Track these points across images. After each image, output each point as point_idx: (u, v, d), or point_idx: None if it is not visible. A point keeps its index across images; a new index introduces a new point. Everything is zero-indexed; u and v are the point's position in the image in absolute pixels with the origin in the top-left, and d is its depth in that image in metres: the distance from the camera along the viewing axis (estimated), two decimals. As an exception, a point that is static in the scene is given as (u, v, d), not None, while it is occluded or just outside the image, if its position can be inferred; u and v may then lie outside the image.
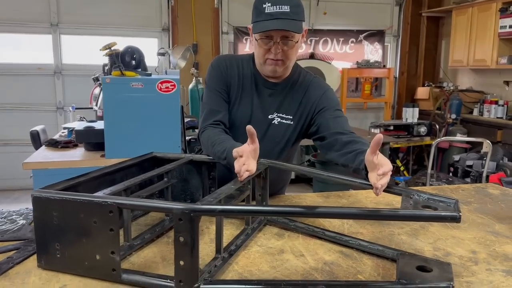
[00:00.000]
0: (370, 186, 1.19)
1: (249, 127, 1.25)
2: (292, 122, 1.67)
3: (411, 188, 1.18)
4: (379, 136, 1.11)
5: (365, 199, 1.76)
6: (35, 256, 1.15)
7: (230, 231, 1.37)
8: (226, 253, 1.17)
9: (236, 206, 1.11)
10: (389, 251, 1.20)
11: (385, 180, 1.12)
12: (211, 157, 1.55)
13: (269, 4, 1.46)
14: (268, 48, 1.54)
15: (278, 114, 1.66)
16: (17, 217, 1.50)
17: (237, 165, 1.26)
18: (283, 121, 1.66)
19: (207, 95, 1.67)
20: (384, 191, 1.16)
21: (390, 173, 1.14)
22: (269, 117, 1.66)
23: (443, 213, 0.97)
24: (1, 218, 1.50)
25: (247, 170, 1.25)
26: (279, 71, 1.60)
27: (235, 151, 1.29)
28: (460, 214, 0.97)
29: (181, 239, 0.97)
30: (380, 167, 1.12)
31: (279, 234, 1.38)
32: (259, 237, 1.35)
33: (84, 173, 1.27)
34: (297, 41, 1.54)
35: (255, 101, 1.66)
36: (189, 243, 0.96)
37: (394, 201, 1.72)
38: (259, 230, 1.39)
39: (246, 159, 1.27)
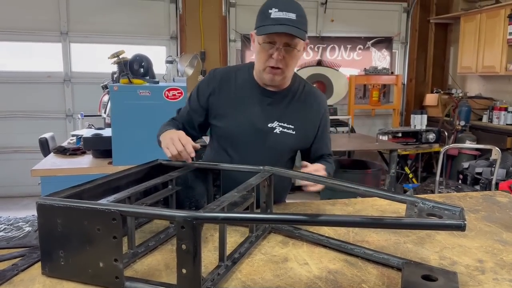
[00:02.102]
0: (377, 194, 1.19)
1: None
2: (294, 132, 1.67)
3: (416, 196, 1.17)
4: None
5: (371, 207, 1.75)
6: (39, 264, 1.15)
7: (234, 238, 1.37)
8: (230, 261, 1.17)
9: (239, 214, 1.11)
10: (394, 260, 1.18)
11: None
12: (215, 165, 1.57)
13: (276, 10, 1.48)
14: (270, 54, 1.54)
15: (280, 124, 1.66)
16: (24, 224, 1.51)
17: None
18: (285, 130, 1.67)
19: (184, 107, 1.78)
20: (390, 199, 1.15)
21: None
22: (269, 125, 1.66)
23: (447, 221, 0.95)
24: (8, 225, 1.51)
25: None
26: (278, 80, 1.60)
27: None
28: (465, 222, 0.95)
29: (184, 247, 0.97)
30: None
31: (283, 242, 1.37)
32: (263, 245, 1.34)
33: (89, 181, 1.28)
34: (299, 50, 1.55)
35: (254, 110, 1.66)
36: (191, 251, 0.96)
37: (400, 209, 1.70)
38: (263, 238, 1.38)
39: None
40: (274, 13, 1.48)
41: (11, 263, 1.20)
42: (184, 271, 0.97)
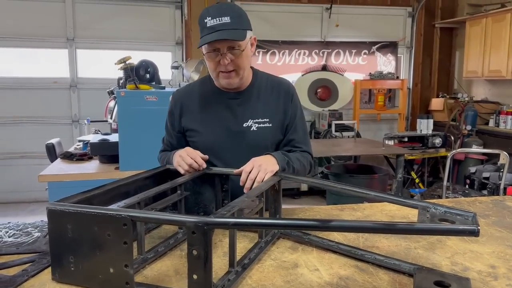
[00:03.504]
0: (388, 199, 1.19)
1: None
2: (270, 124, 1.67)
3: (428, 201, 1.16)
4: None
5: (380, 212, 1.74)
6: (49, 269, 1.15)
7: (243, 244, 1.36)
8: (240, 266, 1.16)
9: (250, 219, 1.10)
10: (405, 266, 1.17)
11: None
12: (224, 170, 1.58)
13: (210, 18, 1.49)
14: (217, 61, 1.55)
15: (254, 121, 1.66)
16: (33, 230, 1.51)
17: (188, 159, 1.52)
18: (261, 125, 1.66)
19: (165, 128, 1.83)
20: (401, 204, 1.15)
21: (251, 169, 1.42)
22: (244, 125, 1.66)
23: (461, 227, 0.95)
24: (17, 230, 1.51)
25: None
26: (235, 82, 1.61)
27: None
28: (479, 228, 0.94)
29: (194, 252, 0.96)
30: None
31: (292, 247, 1.36)
32: (272, 250, 1.33)
33: (98, 186, 1.28)
34: (244, 49, 1.55)
35: (224, 115, 1.67)
36: (202, 256, 0.96)
37: (410, 214, 1.69)
38: (272, 243, 1.38)
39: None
40: (209, 21, 1.49)
41: (21, 269, 1.20)
42: (195, 276, 0.97)
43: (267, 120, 1.66)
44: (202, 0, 5.94)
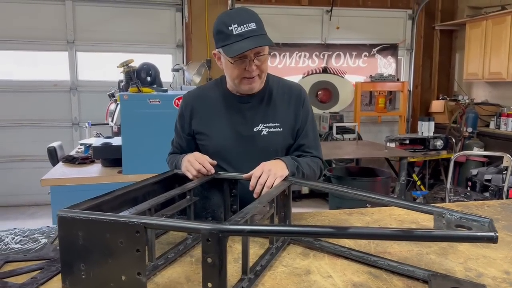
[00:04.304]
0: (402, 205, 1.18)
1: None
2: (281, 129, 1.65)
3: (442, 207, 1.15)
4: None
5: (389, 216, 1.73)
6: (59, 277, 1.14)
7: (254, 250, 1.35)
8: (252, 273, 1.15)
9: (266, 227, 1.09)
10: (419, 272, 1.16)
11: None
12: (233, 175, 1.57)
13: (235, 25, 1.47)
14: (244, 67, 1.54)
15: (265, 125, 1.65)
16: (39, 236, 1.50)
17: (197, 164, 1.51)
18: (272, 129, 1.65)
19: (175, 130, 1.80)
20: (416, 210, 1.13)
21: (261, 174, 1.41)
22: (255, 130, 1.65)
23: (479, 233, 0.94)
24: (23, 236, 1.49)
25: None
26: (256, 86, 1.61)
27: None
28: (497, 234, 0.94)
29: (209, 260, 0.95)
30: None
31: (303, 253, 1.35)
32: (283, 256, 1.32)
33: (107, 192, 1.26)
34: (267, 53, 1.56)
35: (235, 119, 1.66)
36: (217, 264, 0.95)
37: (419, 219, 1.68)
38: (283, 249, 1.36)
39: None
40: (235, 29, 1.47)
41: (29, 277, 1.19)
42: (209, 285, 0.95)
43: (278, 124, 1.65)
44: (203, 3, 5.94)
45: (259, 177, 1.41)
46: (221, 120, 1.67)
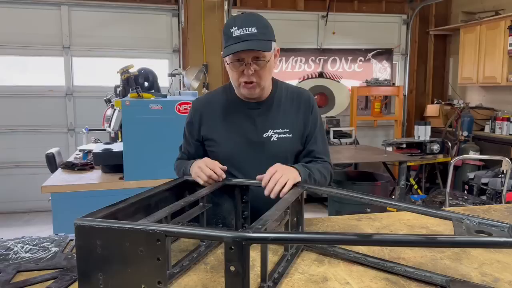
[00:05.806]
0: (417, 210, 1.18)
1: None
2: (291, 135, 1.66)
3: (460, 212, 1.15)
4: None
5: (398, 221, 1.73)
6: (74, 286, 1.12)
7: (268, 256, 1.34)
8: (271, 281, 1.14)
9: (290, 234, 1.08)
10: (437, 277, 1.16)
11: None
12: (244, 181, 1.57)
13: (236, 28, 1.49)
14: (241, 71, 1.54)
15: (274, 131, 1.65)
16: (49, 244, 1.48)
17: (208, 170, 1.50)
18: (281, 135, 1.65)
19: (183, 136, 1.79)
20: (434, 215, 1.14)
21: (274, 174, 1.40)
22: (264, 136, 1.64)
23: (502, 240, 0.94)
24: (33, 245, 1.47)
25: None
26: (256, 93, 1.60)
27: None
28: (519, 240, 0.94)
29: (232, 268, 0.94)
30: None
31: (318, 260, 1.34)
32: (298, 263, 1.31)
33: (122, 200, 1.25)
34: (268, 61, 1.56)
35: (245, 126, 1.65)
36: (240, 272, 0.94)
37: (428, 224, 1.69)
38: (297, 256, 1.36)
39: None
40: (235, 31, 1.49)
41: (43, 286, 1.17)
42: (233, 293, 0.94)
43: (287, 130, 1.65)
44: (199, 8, 5.94)
45: (273, 175, 1.41)
46: (230, 126, 1.66)
